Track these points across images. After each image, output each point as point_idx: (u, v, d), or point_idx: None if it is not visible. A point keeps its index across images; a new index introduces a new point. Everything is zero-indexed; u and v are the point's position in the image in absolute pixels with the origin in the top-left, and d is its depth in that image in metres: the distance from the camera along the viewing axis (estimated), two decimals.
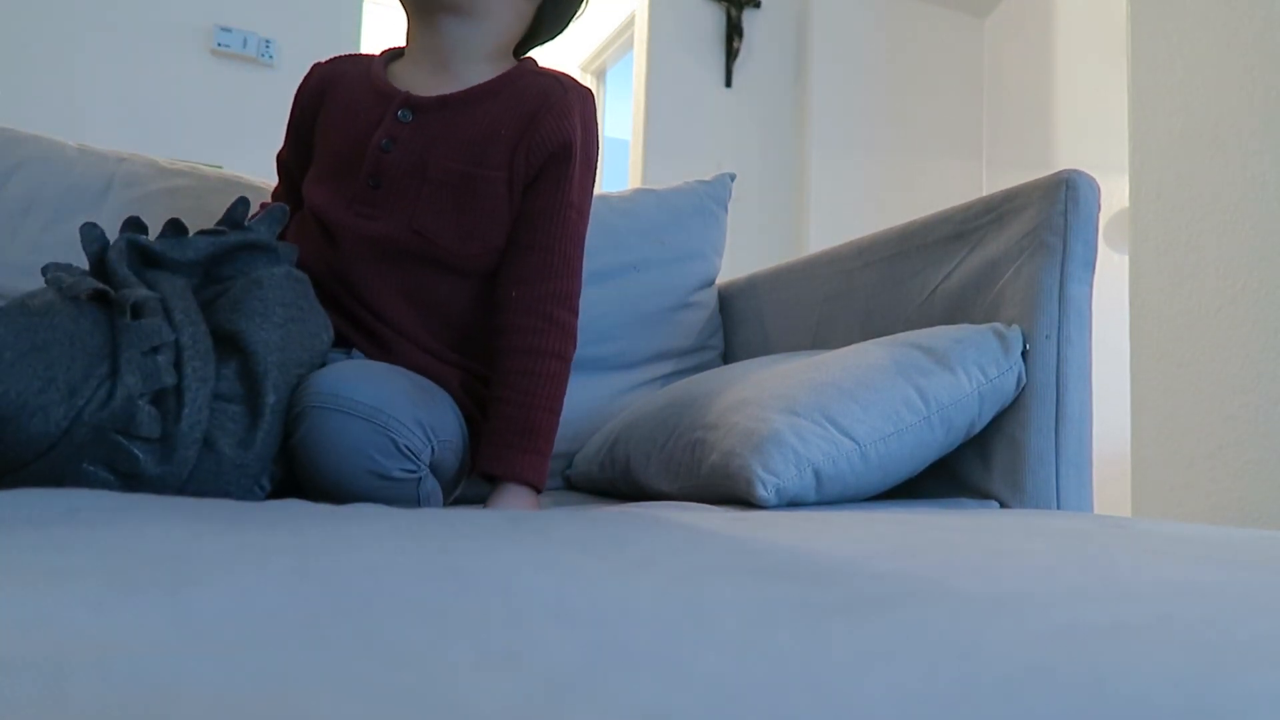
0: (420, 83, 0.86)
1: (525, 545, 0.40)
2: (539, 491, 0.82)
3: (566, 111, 0.85)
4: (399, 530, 0.42)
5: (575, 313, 0.86)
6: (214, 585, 0.27)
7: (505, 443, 0.80)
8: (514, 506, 0.78)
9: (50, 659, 0.19)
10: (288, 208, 0.79)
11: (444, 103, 0.84)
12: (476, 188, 0.83)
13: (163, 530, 0.38)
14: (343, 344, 0.84)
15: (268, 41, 2.70)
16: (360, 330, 0.84)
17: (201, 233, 0.74)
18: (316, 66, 0.92)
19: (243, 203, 0.76)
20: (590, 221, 1.27)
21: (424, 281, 0.85)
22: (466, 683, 0.20)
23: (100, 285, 0.62)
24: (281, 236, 0.88)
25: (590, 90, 0.90)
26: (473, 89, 0.85)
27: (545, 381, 0.82)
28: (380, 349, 0.84)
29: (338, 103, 0.88)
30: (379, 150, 0.83)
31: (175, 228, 0.74)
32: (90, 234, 0.68)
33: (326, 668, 0.20)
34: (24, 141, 1.10)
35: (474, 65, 0.87)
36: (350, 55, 0.93)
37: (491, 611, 0.26)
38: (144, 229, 0.73)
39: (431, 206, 0.83)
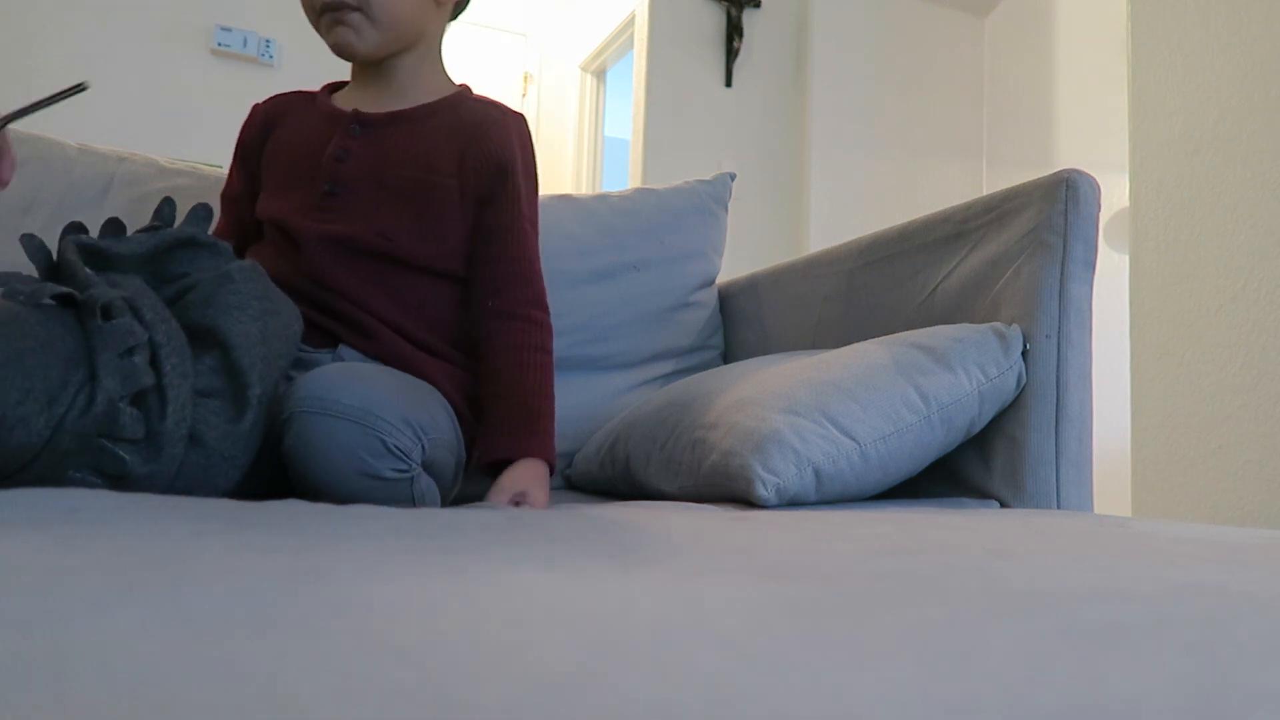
0: (367, 104, 0.92)
1: (525, 545, 0.40)
2: (551, 468, 0.83)
3: (506, 131, 0.92)
4: (399, 530, 0.42)
5: (548, 312, 0.92)
6: (214, 585, 0.27)
7: (508, 429, 0.83)
8: (527, 480, 0.79)
9: (50, 659, 0.19)
10: (211, 206, 0.78)
11: (392, 118, 0.90)
12: (432, 193, 0.88)
13: (163, 530, 0.38)
14: (328, 342, 0.84)
15: (268, 41, 2.70)
16: (341, 321, 0.85)
17: (139, 231, 0.74)
18: (257, 107, 0.97)
19: (169, 203, 0.77)
20: (590, 221, 1.27)
21: (393, 279, 0.87)
22: (466, 683, 0.20)
23: (64, 289, 0.61)
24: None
25: (524, 115, 0.98)
26: (419, 107, 0.91)
27: (534, 371, 0.87)
28: (364, 337, 0.85)
29: (286, 130, 0.93)
30: (333, 160, 0.88)
31: (114, 227, 0.74)
32: (32, 244, 0.67)
33: (326, 668, 0.20)
34: (24, 141, 1.10)
35: (419, 92, 0.93)
36: (292, 92, 0.98)
37: (491, 611, 0.26)
38: (85, 230, 0.73)
39: (390, 211, 0.87)
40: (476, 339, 0.90)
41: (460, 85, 0.97)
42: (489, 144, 0.90)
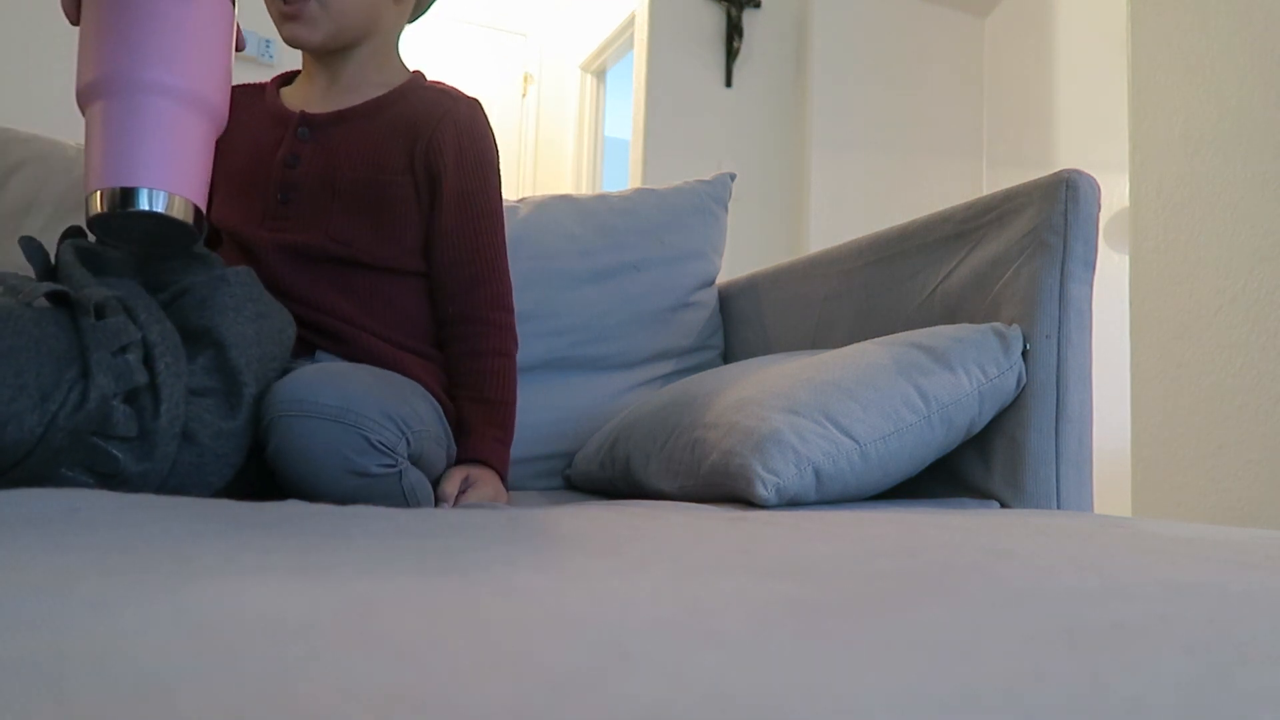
0: (315, 102, 0.91)
1: (525, 545, 0.40)
2: (501, 475, 0.87)
3: (459, 120, 0.90)
4: (399, 530, 0.42)
5: (510, 310, 0.93)
6: (214, 585, 0.27)
7: (465, 432, 0.87)
8: (465, 472, 0.83)
9: (50, 659, 0.19)
10: (204, 221, 0.79)
11: (340, 117, 0.89)
12: (384, 192, 0.88)
13: (163, 530, 0.38)
14: (305, 351, 0.85)
15: (268, 41, 2.70)
16: (309, 328, 0.85)
17: None
18: None
19: None
20: (590, 221, 1.27)
21: (356, 282, 0.87)
22: (466, 683, 0.20)
23: (58, 286, 0.62)
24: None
25: (478, 101, 0.95)
26: (368, 103, 0.90)
27: (492, 377, 0.89)
28: (336, 342, 0.85)
29: (235, 131, 0.91)
30: (284, 167, 0.87)
31: None
32: (30, 246, 0.68)
33: (326, 668, 0.20)
34: (24, 141, 1.10)
35: (370, 85, 0.92)
36: (239, 85, 0.96)
37: (491, 611, 0.26)
38: (84, 234, 0.73)
39: (344, 216, 0.87)
40: (443, 341, 0.91)
41: (413, 72, 0.95)
42: (442, 134, 0.89)
